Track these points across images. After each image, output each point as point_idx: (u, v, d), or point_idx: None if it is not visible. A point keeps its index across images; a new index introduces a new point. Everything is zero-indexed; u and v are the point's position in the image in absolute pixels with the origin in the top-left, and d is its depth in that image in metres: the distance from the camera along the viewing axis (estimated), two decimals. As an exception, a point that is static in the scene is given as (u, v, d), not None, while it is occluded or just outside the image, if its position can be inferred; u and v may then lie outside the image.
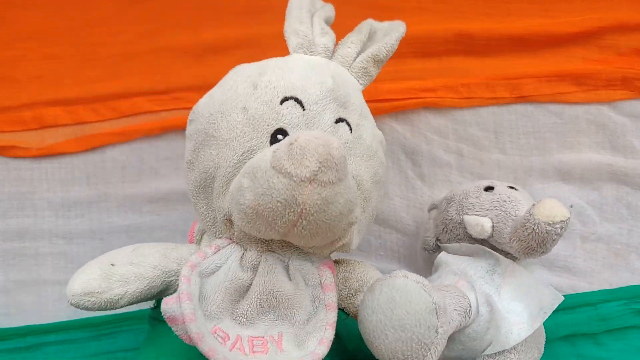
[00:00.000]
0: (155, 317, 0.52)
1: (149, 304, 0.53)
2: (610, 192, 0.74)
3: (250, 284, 0.46)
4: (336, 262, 0.54)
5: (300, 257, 0.49)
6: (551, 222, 0.50)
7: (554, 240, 0.51)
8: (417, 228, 0.73)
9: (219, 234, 0.49)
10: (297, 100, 0.48)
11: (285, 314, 0.47)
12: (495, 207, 0.57)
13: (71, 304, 0.45)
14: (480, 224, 0.56)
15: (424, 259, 0.72)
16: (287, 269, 0.48)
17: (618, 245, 0.74)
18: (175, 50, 0.70)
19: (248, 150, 0.46)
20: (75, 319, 0.68)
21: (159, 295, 0.49)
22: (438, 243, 0.64)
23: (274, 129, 0.47)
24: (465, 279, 0.54)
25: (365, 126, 0.51)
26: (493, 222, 0.56)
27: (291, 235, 0.44)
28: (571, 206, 0.71)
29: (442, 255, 0.58)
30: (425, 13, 0.72)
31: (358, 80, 0.55)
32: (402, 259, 0.74)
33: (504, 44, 0.72)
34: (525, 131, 0.73)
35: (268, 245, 0.48)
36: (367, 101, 0.70)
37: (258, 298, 0.46)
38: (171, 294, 0.47)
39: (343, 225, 0.44)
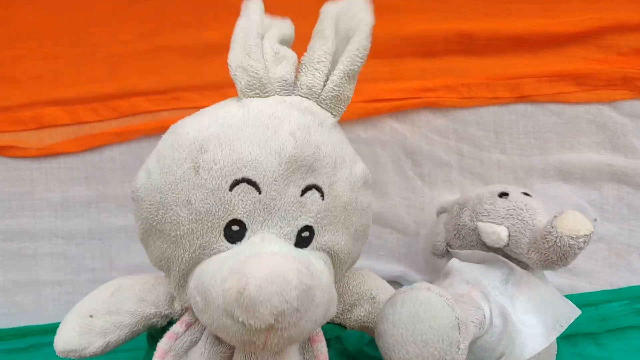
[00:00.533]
0: (153, 334, 0.50)
1: None
2: (610, 192, 0.74)
3: (231, 354, 0.43)
4: None
5: None
6: (575, 236, 0.48)
7: (575, 254, 0.49)
8: (417, 228, 0.73)
9: (185, 303, 0.45)
10: (250, 182, 0.40)
11: None
12: (511, 215, 0.55)
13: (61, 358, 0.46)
14: (497, 232, 0.54)
15: (425, 259, 0.72)
16: None
17: (619, 245, 0.74)
18: (175, 50, 0.70)
19: (200, 247, 0.41)
20: (75, 319, 0.68)
21: (146, 331, 0.49)
22: (448, 248, 0.62)
23: (226, 222, 0.40)
24: (479, 288, 0.53)
25: (340, 179, 0.43)
26: (509, 231, 0.54)
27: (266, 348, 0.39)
28: (595, 219, 0.70)
29: (454, 262, 0.57)
30: (425, 13, 0.72)
31: (331, 112, 0.46)
32: (402, 259, 0.74)
33: (504, 43, 0.72)
34: (526, 131, 0.73)
35: None
36: (367, 101, 0.71)
37: None
38: (158, 329, 0.47)
39: (318, 326, 0.40)
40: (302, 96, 0.45)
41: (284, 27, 0.49)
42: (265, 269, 0.35)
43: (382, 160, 0.73)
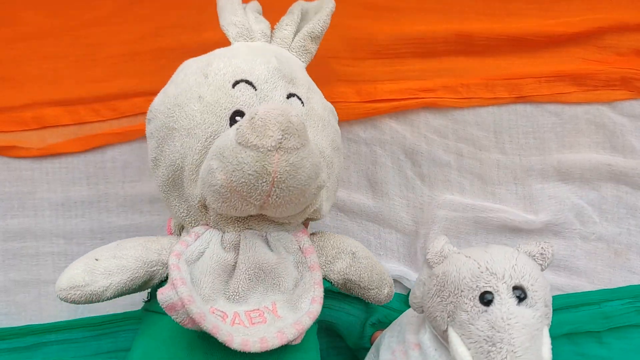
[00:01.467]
0: (146, 308, 0.54)
1: (143, 298, 0.55)
2: (609, 192, 0.74)
3: (235, 263, 0.49)
4: (311, 234, 0.56)
5: (277, 228, 0.51)
6: None
7: None
8: (416, 228, 0.73)
9: (195, 223, 0.51)
10: (247, 82, 0.50)
11: (273, 284, 0.49)
12: (480, 344, 0.45)
13: (59, 299, 0.47)
14: (459, 357, 0.46)
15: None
16: (266, 241, 0.51)
17: (618, 245, 0.74)
18: (176, 50, 0.70)
19: (210, 136, 0.48)
20: (75, 319, 0.68)
21: (143, 286, 0.51)
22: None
23: (231, 111, 0.49)
24: None
25: (314, 99, 0.54)
26: None
27: (267, 206, 0.46)
28: None
29: (426, 343, 0.51)
30: (425, 13, 0.72)
31: (300, 59, 0.58)
32: (402, 259, 0.74)
33: (503, 44, 0.72)
34: (525, 131, 0.73)
35: (245, 223, 0.50)
36: (366, 101, 0.71)
37: (246, 274, 0.48)
38: (155, 284, 0.51)
39: (313, 189, 0.47)
40: (277, 44, 0.58)
41: (256, 6, 0.62)
42: (270, 104, 0.45)
43: (382, 160, 0.73)
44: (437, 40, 0.72)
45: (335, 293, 0.63)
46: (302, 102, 0.52)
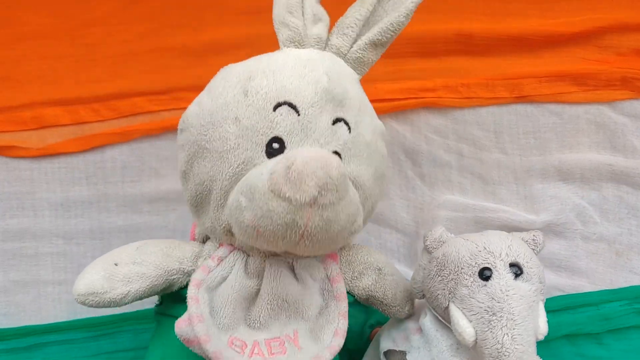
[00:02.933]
0: (161, 312, 0.52)
1: (153, 301, 0.54)
2: (610, 192, 0.74)
3: (259, 289, 0.47)
4: (340, 249, 0.54)
5: (304, 256, 0.49)
6: None
7: None
8: (417, 228, 0.73)
9: (220, 240, 0.49)
10: (290, 105, 0.46)
11: (297, 312, 0.47)
12: (481, 315, 0.47)
13: (77, 302, 0.46)
14: (462, 333, 0.47)
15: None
16: (292, 269, 0.48)
17: (619, 245, 0.74)
18: (175, 50, 0.70)
19: (243, 162, 0.45)
20: (75, 319, 0.68)
21: (162, 292, 0.49)
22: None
23: (268, 138, 0.45)
24: None
25: (364, 122, 0.50)
26: (476, 334, 0.47)
27: (293, 252, 0.44)
28: None
29: (427, 324, 0.52)
30: (425, 13, 0.71)
31: (355, 70, 0.53)
32: (402, 259, 0.74)
33: (503, 44, 0.72)
34: (525, 131, 0.73)
35: (271, 251, 0.47)
36: (366, 101, 0.71)
37: (269, 303, 0.46)
38: (175, 290, 0.49)
39: (346, 236, 0.44)
40: (332, 52, 0.52)
41: None
42: (310, 152, 0.41)
43: (382, 161, 0.73)
44: (437, 40, 0.72)
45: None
46: (349, 128, 0.48)
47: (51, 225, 0.70)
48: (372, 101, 0.71)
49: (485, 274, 0.48)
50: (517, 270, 0.48)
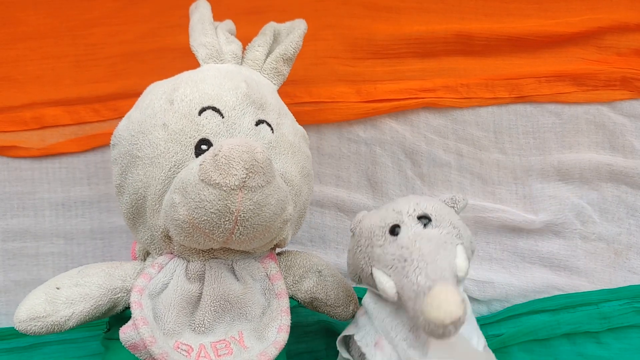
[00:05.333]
0: (108, 337, 0.52)
1: (103, 330, 0.54)
2: (609, 192, 0.74)
3: (201, 293, 0.47)
4: (277, 254, 0.55)
5: (243, 256, 0.50)
6: (442, 326, 0.40)
7: (452, 334, 0.40)
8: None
9: (159, 251, 0.50)
10: (214, 109, 0.48)
11: (240, 313, 0.48)
12: (395, 265, 0.46)
13: (19, 330, 0.45)
14: (383, 289, 0.46)
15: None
16: (232, 270, 0.49)
17: (618, 244, 0.74)
18: (175, 50, 0.70)
19: (175, 165, 0.46)
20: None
21: (107, 313, 0.49)
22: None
23: (196, 140, 0.47)
24: (387, 339, 0.48)
25: (285, 124, 0.53)
26: (396, 288, 0.45)
27: (230, 242, 0.45)
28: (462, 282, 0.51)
29: (367, 301, 0.51)
30: (425, 13, 0.72)
31: (271, 81, 0.57)
32: (402, 259, 0.74)
33: (503, 44, 0.72)
34: (525, 131, 0.73)
35: (210, 253, 0.49)
36: (366, 101, 0.71)
37: (211, 305, 0.47)
38: (119, 310, 0.49)
39: (278, 224, 0.46)
40: (249, 67, 0.57)
41: (229, 24, 0.61)
42: (235, 139, 0.43)
43: (382, 160, 0.73)
44: (437, 40, 0.72)
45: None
46: (271, 129, 0.51)
47: (52, 225, 0.70)
48: (371, 101, 0.71)
49: (395, 231, 0.48)
50: (425, 220, 0.49)
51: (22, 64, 0.70)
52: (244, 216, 0.42)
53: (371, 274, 0.49)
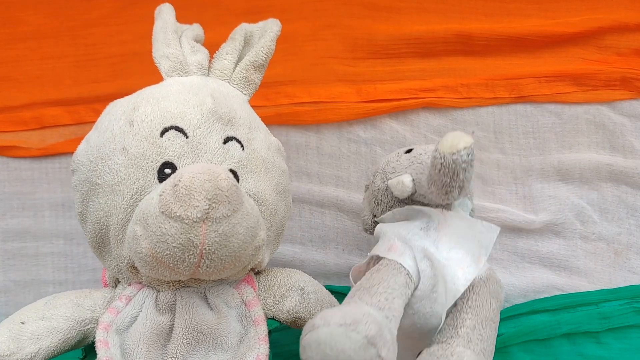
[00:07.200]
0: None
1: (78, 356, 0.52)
2: (609, 192, 0.74)
3: (172, 325, 0.45)
4: (256, 273, 0.52)
5: (216, 283, 0.47)
6: (455, 151, 0.46)
7: (464, 169, 0.46)
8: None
9: (127, 280, 0.47)
10: (177, 128, 0.45)
11: (215, 344, 0.45)
12: (412, 162, 0.55)
13: None
14: (401, 181, 0.54)
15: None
16: (205, 298, 0.47)
17: (618, 244, 0.74)
18: (175, 51, 0.70)
19: (137, 192, 0.44)
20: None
21: (77, 345, 0.47)
22: (374, 219, 0.60)
23: (159, 164, 0.44)
24: (400, 239, 0.51)
25: (257, 138, 0.49)
26: (412, 176, 0.54)
27: (198, 275, 0.42)
28: (472, 132, 0.67)
29: (378, 227, 0.55)
30: (425, 13, 0.72)
31: (241, 91, 0.53)
32: (402, 259, 0.74)
33: (503, 44, 0.72)
34: (525, 131, 0.73)
35: (180, 282, 0.46)
36: (366, 101, 0.71)
37: (184, 338, 0.44)
38: (90, 342, 0.47)
39: (249, 252, 0.43)
40: (216, 77, 0.53)
41: (195, 28, 0.57)
42: (197, 167, 0.40)
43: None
44: (437, 40, 0.72)
45: (334, 293, 0.63)
46: (241, 146, 0.47)
47: (52, 225, 0.70)
48: (371, 101, 0.71)
49: (409, 150, 0.57)
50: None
51: (22, 64, 0.70)
52: (209, 249, 0.39)
53: (387, 187, 0.56)
